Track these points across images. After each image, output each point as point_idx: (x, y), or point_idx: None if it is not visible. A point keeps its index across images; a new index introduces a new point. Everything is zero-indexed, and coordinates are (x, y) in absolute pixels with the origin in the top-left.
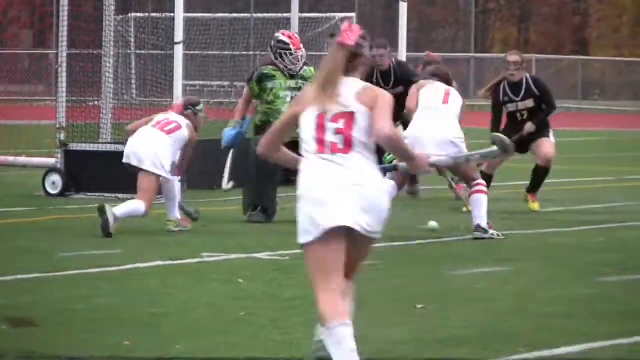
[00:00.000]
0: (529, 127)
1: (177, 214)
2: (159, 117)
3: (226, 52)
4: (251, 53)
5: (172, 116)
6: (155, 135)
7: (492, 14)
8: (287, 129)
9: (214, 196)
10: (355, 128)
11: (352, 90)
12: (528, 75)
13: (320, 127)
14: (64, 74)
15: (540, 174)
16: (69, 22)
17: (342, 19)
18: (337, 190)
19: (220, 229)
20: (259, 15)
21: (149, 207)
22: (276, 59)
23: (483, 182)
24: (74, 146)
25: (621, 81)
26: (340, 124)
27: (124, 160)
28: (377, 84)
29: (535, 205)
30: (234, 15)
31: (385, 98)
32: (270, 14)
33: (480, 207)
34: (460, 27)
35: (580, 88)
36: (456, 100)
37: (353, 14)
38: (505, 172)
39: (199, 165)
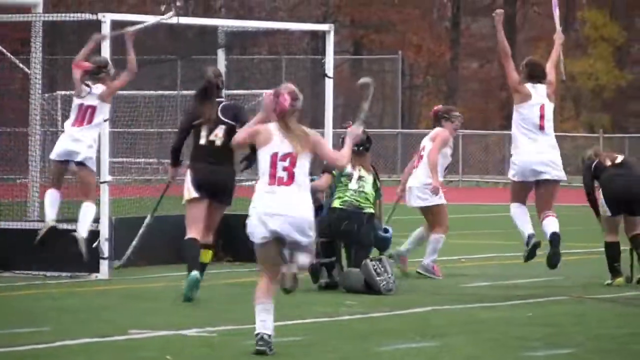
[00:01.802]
0: None
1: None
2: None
3: (153, 129)
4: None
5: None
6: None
7: (419, 90)
8: None
9: (141, 273)
10: None
11: None
12: None
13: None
14: None
15: None
16: None
17: None
18: None
19: (147, 305)
20: (185, 92)
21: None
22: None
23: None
24: (2, 224)
25: None
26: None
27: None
28: None
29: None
30: (161, 92)
31: None
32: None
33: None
34: (387, 102)
35: (507, 163)
36: None
37: None
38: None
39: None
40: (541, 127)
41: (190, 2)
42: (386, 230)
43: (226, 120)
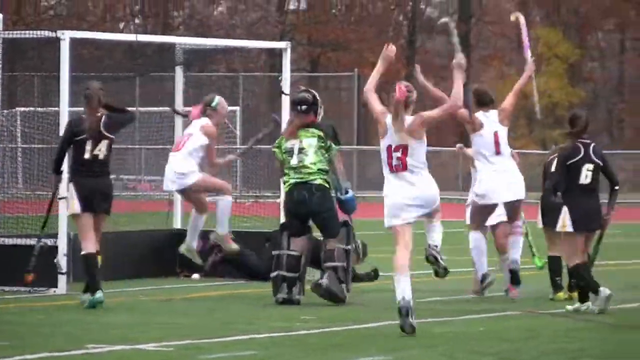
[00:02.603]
0: None
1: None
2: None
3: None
4: (137, 147)
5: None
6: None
7: None
8: None
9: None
10: None
11: None
12: None
13: None
14: None
15: None
16: None
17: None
18: None
19: (104, 319)
20: (144, 108)
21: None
22: (320, 111)
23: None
24: None
25: None
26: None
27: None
28: None
29: None
30: None
31: None
32: (155, 108)
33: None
34: (343, 119)
35: (461, 180)
36: None
37: (237, 107)
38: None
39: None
40: (497, 152)
41: (149, 19)
42: (346, 192)
43: (109, 134)
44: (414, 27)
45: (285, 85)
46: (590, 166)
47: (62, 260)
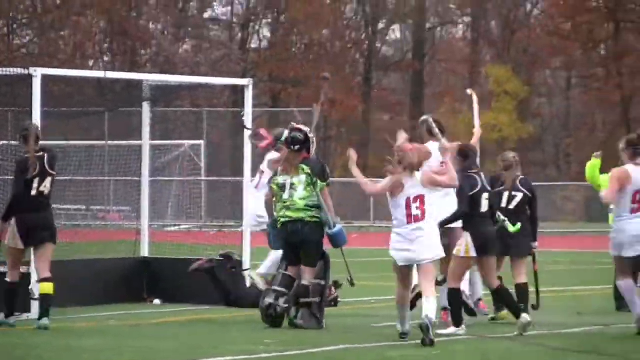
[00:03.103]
0: None
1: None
2: None
3: (81, 177)
4: (106, 178)
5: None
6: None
7: (333, 141)
8: None
9: (70, 313)
10: None
11: None
12: None
13: None
14: None
15: None
16: None
17: (191, 146)
18: None
19: (75, 343)
20: (113, 142)
21: None
22: (313, 148)
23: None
24: None
25: None
26: None
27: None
28: None
29: None
30: (89, 142)
31: None
32: (123, 141)
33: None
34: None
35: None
36: None
37: (201, 141)
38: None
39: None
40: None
41: (118, 57)
42: (335, 226)
43: (52, 171)
44: (370, 65)
45: (248, 120)
46: (487, 195)
47: (34, 287)
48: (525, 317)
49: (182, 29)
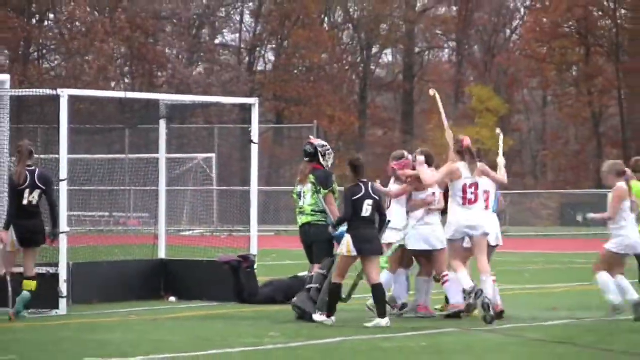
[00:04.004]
0: None
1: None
2: None
3: (104, 187)
4: (127, 188)
5: None
6: None
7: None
8: None
9: (94, 309)
10: None
11: None
12: None
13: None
14: None
15: None
16: None
17: (204, 159)
18: None
19: (99, 337)
20: (133, 155)
21: None
22: (324, 160)
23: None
24: None
25: None
26: None
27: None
28: None
29: None
30: (111, 156)
31: None
32: (142, 155)
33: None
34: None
35: None
36: None
37: (213, 154)
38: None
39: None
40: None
41: (137, 79)
42: (338, 229)
43: (41, 185)
44: (365, 85)
45: (254, 135)
46: (370, 201)
47: (62, 286)
48: (384, 322)
49: (196, 54)
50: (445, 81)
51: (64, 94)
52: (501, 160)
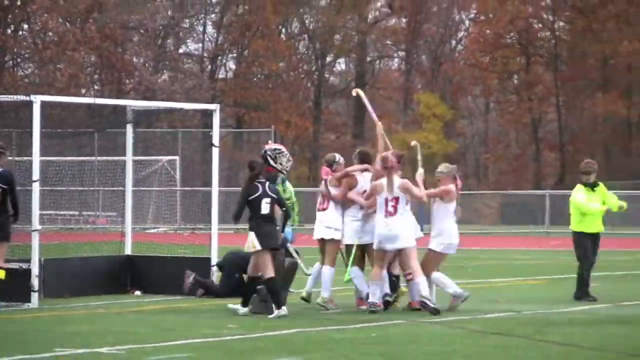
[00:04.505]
0: None
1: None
2: None
3: (74, 188)
4: (96, 188)
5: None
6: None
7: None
8: None
9: (65, 302)
10: None
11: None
12: None
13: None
14: None
15: None
16: None
17: (168, 161)
18: None
19: (69, 329)
20: (101, 158)
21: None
22: (275, 163)
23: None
24: None
25: None
26: None
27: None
28: None
29: None
30: (81, 158)
31: None
32: (110, 157)
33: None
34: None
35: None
36: None
37: (177, 157)
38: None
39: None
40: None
41: (106, 86)
42: (283, 229)
43: (2, 185)
44: (319, 92)
45: (215, 139)
46: (268, 199)
47: (34, 281)
48: (283, 311)
49: (161, 62)
50: (395, 88)
51: (37, 100)
52: (420, 172)
